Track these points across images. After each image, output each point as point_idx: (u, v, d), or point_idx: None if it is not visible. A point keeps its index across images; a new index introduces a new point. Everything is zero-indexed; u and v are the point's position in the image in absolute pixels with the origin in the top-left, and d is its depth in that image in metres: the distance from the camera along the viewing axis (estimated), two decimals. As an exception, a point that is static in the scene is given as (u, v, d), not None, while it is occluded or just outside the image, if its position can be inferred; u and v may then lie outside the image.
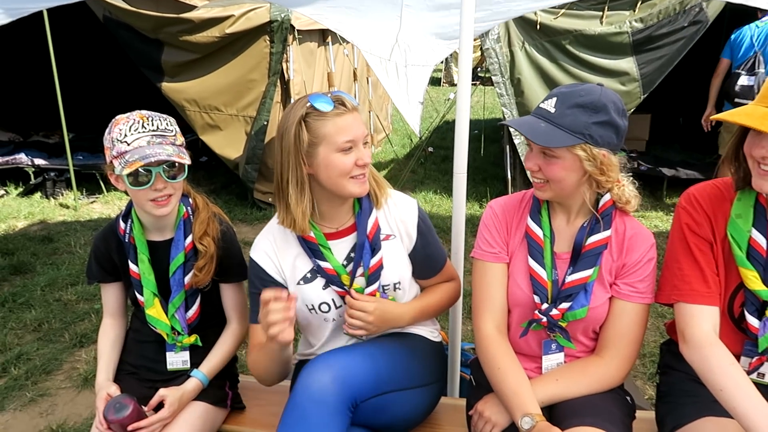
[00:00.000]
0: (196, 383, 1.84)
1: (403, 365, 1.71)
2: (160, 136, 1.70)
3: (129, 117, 1.70)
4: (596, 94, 1.51)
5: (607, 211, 1.63)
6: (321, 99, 1.58)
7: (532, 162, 1.58)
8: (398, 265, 1.77)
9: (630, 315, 1.62)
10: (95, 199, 6.28)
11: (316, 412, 1.48)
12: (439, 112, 9.15)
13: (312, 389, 1.50)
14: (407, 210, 1.79)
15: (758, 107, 1.37)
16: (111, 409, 1.66)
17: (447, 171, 7.57)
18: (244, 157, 5.76)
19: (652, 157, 6.55)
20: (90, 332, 3.52)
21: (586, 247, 1.62)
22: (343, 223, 1.75)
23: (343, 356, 1.62)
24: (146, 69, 5.70)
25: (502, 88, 5.40)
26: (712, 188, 1.61)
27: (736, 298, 1.57)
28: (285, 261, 1.74)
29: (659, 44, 5.05)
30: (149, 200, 1.71)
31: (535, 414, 1.50)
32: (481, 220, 1.77)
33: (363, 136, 1.62)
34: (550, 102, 1.54)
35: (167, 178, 1.71)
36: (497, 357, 1.64)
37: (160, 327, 1.85)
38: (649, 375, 3.05)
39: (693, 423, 1.54)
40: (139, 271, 1.84)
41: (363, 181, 1.64)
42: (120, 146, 1.66)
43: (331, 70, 6.56)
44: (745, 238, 1.52)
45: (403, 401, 1.70)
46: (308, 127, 1.58)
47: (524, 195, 1.77)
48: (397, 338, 1.79)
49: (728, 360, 1.44)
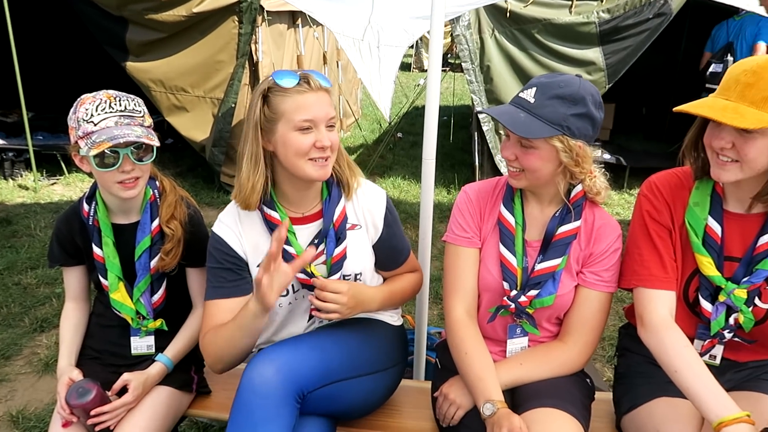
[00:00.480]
0: (161, 367, 1.83)
1: (356, 352, 1.68)
2: (128, 116, 1.66)
3: (96, 96, 1.65)
4: (575, 85, 1.54)
5: (578, 202, 1.67)
6: (284, 75, 1.56)
7: (509, 151, 1.59)
8: (361, 256, 1.76)
9: (594, 303, 1.67)
10: (56, 180, 6.10)
11: (261, 405, 1.46)
12: (409, 98, 9.15)
13: (255, 383, 1.48)
14: (375, 200, 1.77)
15: (718, 99, 1.42)
16: (74, 394, 1.63)
17: (416, 157, 7.59)
18: (211, 139, 5.67)
19: (615, 146, 6.69)
20: (51, 317, 3.45)
21: (557, 237, 1.66)
22: (309, 208, 1.73)
23: (287, 348, 1.58)
24: (110, 47, 5.54)
25: (472, 75, 5.43)
26: (671, 177, 1.66)
27: (691, 283, 1.63)
28: (248, 239, 1.69)
29: (625, 35, 5.15)
30: (116, 182, 1.67)
31: (497, 401, 1.53)
32: (455, 204, 1.78)
33: (326, 117, 1.57)
34: (529, 92, 1.55)
35: (135, 160, 1.67)
36: (465, 341, 1.67)
37: (124, 311, 1.82)
38: (608, 358, 3.15)
39: (648, 403, 1.61)
40: (104, 255, 1.81)
41: (323, 165, 1.58)
42: (86, 126, 1.62)
43: (301, 53, 6.48)
44: (702, 225, 1.58)
45: (357, 388, 1.68)
46: (269, 102, 1.57)
47: (498, 181, 1.80)
48: (353, 325, 1.76)
49: (683, 342, 1.50)
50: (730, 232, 1.57)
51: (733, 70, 1.44)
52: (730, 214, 1.57)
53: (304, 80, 1.56)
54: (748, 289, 1.53)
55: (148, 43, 5.45)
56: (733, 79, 1.41)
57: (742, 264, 1.56)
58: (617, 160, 6.05)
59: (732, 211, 1.57)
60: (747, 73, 1.38)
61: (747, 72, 1.38)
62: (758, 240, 1.53)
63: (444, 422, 1.72)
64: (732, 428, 1.32)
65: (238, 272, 1.68)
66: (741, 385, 1.64)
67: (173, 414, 1.84)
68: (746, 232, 1.55)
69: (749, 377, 1.66)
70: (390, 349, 1.83)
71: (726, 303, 1.56)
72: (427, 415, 1.88)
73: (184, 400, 1.90)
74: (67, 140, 1.71)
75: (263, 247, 1.69)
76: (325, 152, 1.58)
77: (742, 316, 1.56)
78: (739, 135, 1.39)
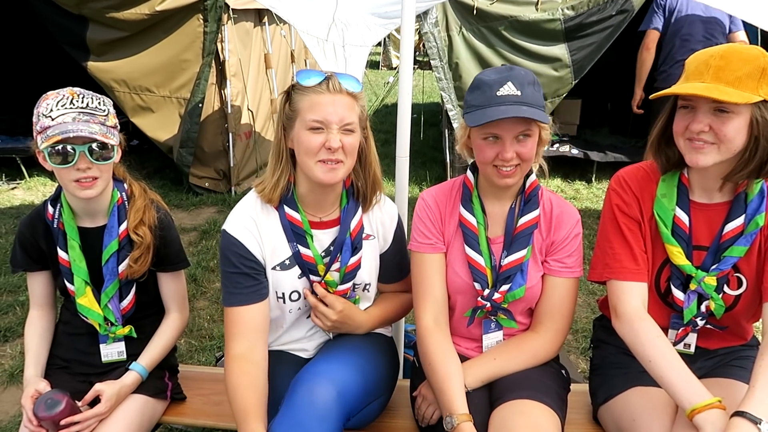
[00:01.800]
0: (135, 377, 1.78)
1: (379, 374, 1.71)
2: (89, 114, 1.62)
3: (59, 92, 1.62)
4: (529, 72, 1.58)
5: (534, 191, 1.70)
6: (306, 74, 1.57)
7: (510, 151, 1.55)
8: (373, 267, 1.78)
9: (561, 290, 1.69)
10: (16, 185, 5.90)
11: (320, 430, 1.42)
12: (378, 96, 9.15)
13: (317, 405, 1.44)
14: (389, 214, 1.80)
15: (694, 83, 1.44)
16: (42, 406, 1.58)
17: (387, 155, 7.56)
18: (178, 140, 5.56)
19: (582, 141, 6.80)
20: (15, 326, 3.34)
21: (518, 229, 1.68)
22: (327, 213, 1.72)
23: (340, 369, 1.57)
24: (70, 47, 5.37)
25: (441, 73, 5.44)
26: (639, 170, 1.70)
27: (662, 273, 1.67)
28: (267, 241, 1.66)
29: (589, 31, 5.23)
30: (72, 180, 1.62)
31: (459, 414, 1.53)
32: (415, 211, 1.78)
33: (340, 120, 1.54)
34: (508, 86, 1.53)
35: (93, 159, 1.62)
36: (430, 352, 1.66)
37: (92, 317, 1.77)
38: (582, 349, 3.20)
39: (623, 393, 1.64)
40: (69, 259, 1.75)
41: (331, 167, 1.56)
42: (44, 121, 1.59)
43: (269, 51, 6.40)
44: (670, 216, 1.61)
45: (375, 408, 1.72)
46: (291, 99, 1.59)
47: (454, 183, 1.80)
48: (369, 341, 1.77)
49: (656, 333, 1.53)
50: (697, 221, 1.60)
51: (699, 57, 1.47)
52: (697, 204, 1.61)
53: (325, 81, 1.55)
54: (717, 276, 1.58)
55: (109, 42, 5.31)
56: (702, 63, 1.44)
57: (710, 252, 1.60)
58: (585, 155, 6.15)
59: (698, 201, 1.61)
60: (715, 58, 1.42)
61: (715, 57, 1.42)
62: (724, 228, 1.58)
63: (422, 422, 1.72)
64: (704, 414, 1.36)
65: (255, 277, 1.65)
66: (712, 371, 1.68)
67: (147, 422, 1.80)
68: (712, 221, 1.60)
69: (719, 364, 1.70)
70: (393, 364, 1.86)
71: (697, 291, 1.61)
72: (407, 413, 1.87)
73: (158, 407, 1.86)
74: (26, 143, 1.66)
75: (281, 248, 1.68)
76: (334, 155, 1.55)
77: (713, 303, 1.60)
78: (715, 117, 1.43)
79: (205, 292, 3.84)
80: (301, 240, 1.67)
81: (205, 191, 5.78)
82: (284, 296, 1.70)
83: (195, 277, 3.99)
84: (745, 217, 1.55)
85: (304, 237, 1.67)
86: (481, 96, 1.55)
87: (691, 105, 1.46)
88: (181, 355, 3.12)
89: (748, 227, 1.54)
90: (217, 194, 5.77)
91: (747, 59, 1.39)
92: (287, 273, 1.68)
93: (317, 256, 1.69)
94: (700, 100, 1.43)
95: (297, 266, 1.68)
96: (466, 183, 1.74)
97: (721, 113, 1.42)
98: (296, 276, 1.69)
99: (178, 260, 1.89)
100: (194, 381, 2.07)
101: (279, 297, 1.69)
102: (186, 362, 3.03)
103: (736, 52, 1.41)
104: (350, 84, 1.58)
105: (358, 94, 1.61)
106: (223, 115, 5.63)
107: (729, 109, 1.40)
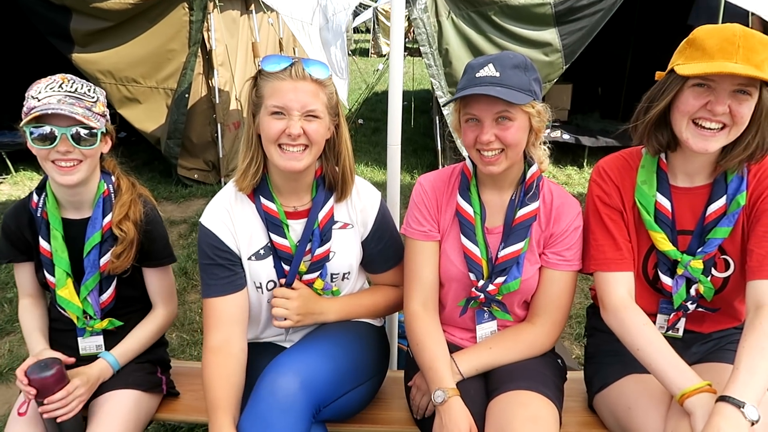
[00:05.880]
0: (103, 364, 1.75)
1: (357, 362, 1.68)
2: (75, 98, 1.61)
3: (51, 77, 1.63)
4: (520, 56, 1.55)
5: (535, 183, 1.66)
6: (270, 60, 1.55)
7: (488, 133, 1.52)
8: (350, 256, 1.75)
9: (559, 283, 1.67)
10: (2, 180, 5.83)
11: (281, 421, 1.42)
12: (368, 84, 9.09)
13: (278, 396, 1.44)
14: (369, 201, 1.76)
15: (725, 63, 1.36)
16: (35, 369, 1.59)
17: (378, 143, 7.55)
18: (166, 131, 5.50)
19: (573, 126, 6.79)
20: (3, 323, 3.29)
21: (516, 221, 1.65)
22: (302, 204, 1.70)
23: (307, 358, 1.56)
24: (53, 38, 5.30)
25: (431, 59, 5.40)
26: (618, 159, 1.68)
27: (648, 260, 1.66)
28: (241, 231, 1.66)
29: (580, 15, 5.19)
30: (51, 161, 1.61)
31: (449, 388, 1.53)
32: (411, 196, 1.76)
33: (301, 107, 1.52)
34: (488, 68, 1.51)
35: (74, 142, 1.60)
36: (417, 333, 1.66)
37: (70, 309, 1.75)
38: (576, 335, 3.21)
39: (618, 381, 1.64)
40: (51, 249, 1.73)
41: (292, 156, 1.54)
42: (31, 102, 1.58)
43: (256, 40, 6.33)
44: (651, 202, 1.60)
45: (356, 397, 1.69)
46: (257, 85, 1.57)
47: (453, 170, 1.77)
48: (348, 329, 1.75)
49: (642, 320, 1.53)
50: (680, 206, 1.60)
51: (717, 33, 1.40)
52: (678, 188, 1.60)
53: (289, 67, 1.52)
54: (703, 259, 1.57)
55: (94, 33, 5.23)
56: (726, 42, 1.37)
57: (695, 236, 1.59)
58: (576, 140, 6.14)
59: (679, 186, 1.60)
60: (740, 38, 1.37)
61: (739, 36, 1.37)
62: (707, 210, 1.57)
63: (417, 414, 1.71)
64: (694, 398, 1.36)
65: (230, 267, 1.65)
66: (706, 356, 1.68)
67: (143, 417, 1.77)
68: (695, 204, 1.59)
69: (714, 348, 1.70)
70: (378, 353, 1.82)
71: (685, 275, 1.60)
72: (402, 404, 1.86)
73: (152, 402, 1.84)
74: (11, 137, 1.63)
75: (257, 238, 1.67)
76: (295, 141, 1.53)
77: (702, 286, 1.60)
78: (734, 98, 1.39)
79: (196, 285, 3.81)
80: (277, 230, 1.66)
81: (194, 183, 5.73)
82: (262, 286, 1.70)
83: (185, 270, 3.96)
84: (726, 198, 1.54)
85: (281, 227, 1.66)
86: (464, 78, 1.56)
87: (709, 84, 1.41)
88: (173, 349, 3.09)
89: (730, 207, 1.54)
90: (206, 186, 5.72)
91: (763, 42, 1.37)
92: (262, 263, 1.68)
93: (293, 245, 1.68)
94: (723, 79, 1.39)
95: (271, 256, 1.68)
96: (464, 171, 1.71)
97: (741, 95, 1.39)
98: (271, 266, 1.69)
99: (163, 256, 1.86)
100: (186, 377, 2.04)
101: (257, 287, 1.70)
102: (178, 356, 3.01)
103: (752, 34, 1.38)
104: (316, 70, 1.54)
105: (325, 80, 1.57)
106: (211, 105, 5.57)
107: (748, 91, 1.38)
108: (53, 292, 1.75)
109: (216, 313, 1.64)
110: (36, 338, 1.80)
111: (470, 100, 1.53)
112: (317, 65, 1.55)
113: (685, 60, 1.44)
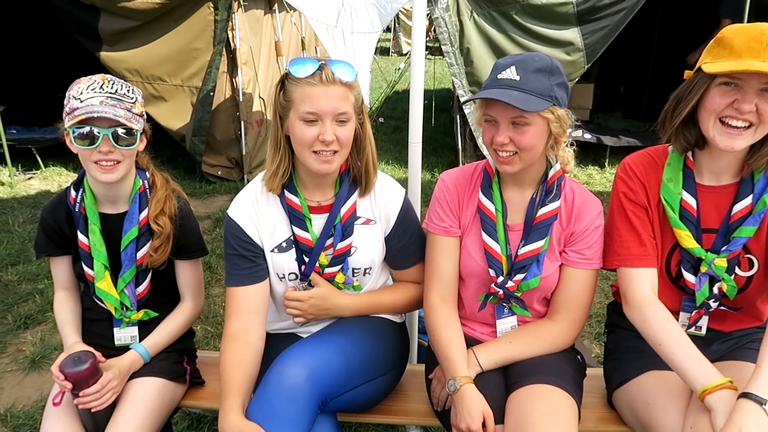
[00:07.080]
0: (134, 355, 1.80)
1: (370, 357, 1.70)
2: (117, 99, 1.66)
3: (92, 78, 1.68)
4: (547, 59, 1.55)
5: (557, 182, 1.67)
6: (298, 63, 1.56)
7: (502, 135, 1.55)
8: (372, 251, 1.78)
9: (579, 281, 1.69)
10: (32, 175, 5.97)
11: (286, 408, 1.46)
12: (389, 82, 9.11)
13: (284, 385, 1.48)
14: (393, 196, 1.79)
15: (753, 61, 1.37)
16: (69, 363, 1.63)
17: (398, 141, 7.57)
18: (191, 129, 5.59)
19: (595, 125, 6.74)
20: (35, 313, 3.39)
21: (537, 219, 1.67)
22: (326, 198, 1.74)
23: (317, 351, 1.59)
24: (82, 37, 5.40)
25: (452, 58, 5.40)
26: (644, 156, 1.69)
27: (672, 257, 1.67)
28: (265, 224, 1.71)
29: (602, 15, 5.15)
30: (93, 162, 1.66)
31: (461, 376, 1.56)
32: (434, 191, 1.79)
33: (333, 112, 1.54)
34: (510, 71, 1.54)
35: (115, 142, 1.65)
36: (435, 326, 1.70)
37: (109, 301, 1.81)
38: (596, 335, 3.20)
39: (638, 377, 1.65)
40: (89, 243, 1.78)
41: (326, 159, 1.58)
42: (73, 103, 1.63)
43: (279, 39, 6.40)
44: (677, 200, 1.61)
45: (368, 392, 1.71)
46: (285, 89, 1.59)
47: (476, 167, 1.79)
48: (364, 324, 1.78)
49: (665, 316, 1.54)
50: (705, 204, 1.60)
51: (745, 32, 1.40)
52: (704, 187, 1.60)
53: (318, 72, 1.54)
54: (727, 258, 1.58)
55: (121, 32, 5.33)
56: (754, 40, 1.38)
57: (720, 234, 1.59)
58: (598, 140, 6.10)
59: (705, 184, 1.60)
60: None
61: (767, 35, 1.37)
62: (732, 209, 1.57)
63: (438, 406, 1.74)
64: (715, 395, 1.36)
65: (252, 259, 1.70)
66: (727, 355, 1.68)
67: (168, 405, 1.83)
68: (720, 203, 1.59)
69: (734, 347, 1.70)
70: (395, 349, 1.85)
71: (708, 273, 1.60)
72: (422, 397, 1.89)
73: (177, 391, 1.89)
74: (41, 134, 1.69)
75: (280, 231, 1.72)
76: (329, 147, 1.56)
77: (725, 284, 1.60)
78: (761, 97, 1.40)
79: (219, 279, 3.88)
80: (300, 224, 1.70)
81: (217, 179, 5.81)
82: (285, 277, 1.75)
83: (210, 264, 4.03)
84: (753, 197, 1.55)
85: (303, 221, 1.70)
86: (489, 78, 1.58)
87: (736, 83, 1.42)
88: (198, 341, 3.16)
89: (756, 206, 1.54)
90: (229, 182, 5.80)
91: None
92: (285, 255, 1.73)
93: (315, 239, 1.71)
94: (751, 78, 1.39)
95: (294, 249, 1.72)
96: (487, 169, 1.74)
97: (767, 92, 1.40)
98: (293, 258, 1.73)
99: (196, 249, 1.91)
100: (212, 366, 2.09)
101: (280, 277, 1.75)
102: (202, 348, 3.08)
103: None
104: (344, 73, 1.56)
105: (353, 82, 1.60)
106: (235, 103, 5.64)
107: None
108: (91, 284, 1.81)
109: (237, 302, 1.69)
110: (69, 331, 1.85)
111: (489, 101, 1.55)
112: (344, 66, 1.57)
113: (712, 59, 1.45)
